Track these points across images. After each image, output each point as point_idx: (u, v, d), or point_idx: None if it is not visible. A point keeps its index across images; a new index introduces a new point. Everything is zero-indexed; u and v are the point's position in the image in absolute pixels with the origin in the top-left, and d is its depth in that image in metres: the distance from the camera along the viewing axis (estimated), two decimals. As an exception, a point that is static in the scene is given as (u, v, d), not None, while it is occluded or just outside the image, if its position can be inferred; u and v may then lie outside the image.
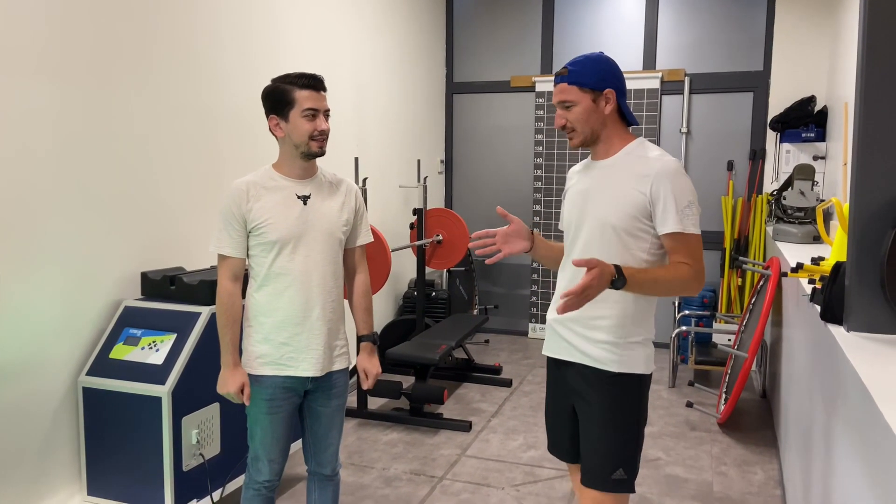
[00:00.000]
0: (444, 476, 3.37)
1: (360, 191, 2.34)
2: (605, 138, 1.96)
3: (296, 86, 2.09)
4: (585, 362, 1.97)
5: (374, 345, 2.37)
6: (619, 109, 1.95)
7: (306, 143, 2.11)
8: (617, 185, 1.91)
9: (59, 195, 2.58)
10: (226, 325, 2.14)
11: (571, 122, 1.93)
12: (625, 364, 1.92)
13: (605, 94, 1.91)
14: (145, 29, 2.95)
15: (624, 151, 1.95)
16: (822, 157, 5.10)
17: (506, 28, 6.13)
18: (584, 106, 1.91)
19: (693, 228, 1.85)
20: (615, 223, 1.89)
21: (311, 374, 2.18)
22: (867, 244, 1.78)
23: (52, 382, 2.59)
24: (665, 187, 1.84)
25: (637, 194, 1.86)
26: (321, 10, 4.28)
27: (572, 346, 1.99)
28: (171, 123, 3.12)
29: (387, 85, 5.22)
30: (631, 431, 1.95)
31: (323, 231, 2.17)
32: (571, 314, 1.95)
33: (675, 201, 1.83)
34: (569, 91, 1.91)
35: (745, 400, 4.53)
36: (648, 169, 1.86)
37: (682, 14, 5.62)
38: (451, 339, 4.38)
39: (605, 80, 1.91)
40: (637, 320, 1.93)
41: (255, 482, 2.23)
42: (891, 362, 1.56)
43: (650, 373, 1.99)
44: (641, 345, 1.94)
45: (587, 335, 1.95)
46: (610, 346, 1.92)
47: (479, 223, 6.16)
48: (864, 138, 1.79)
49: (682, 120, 5.66)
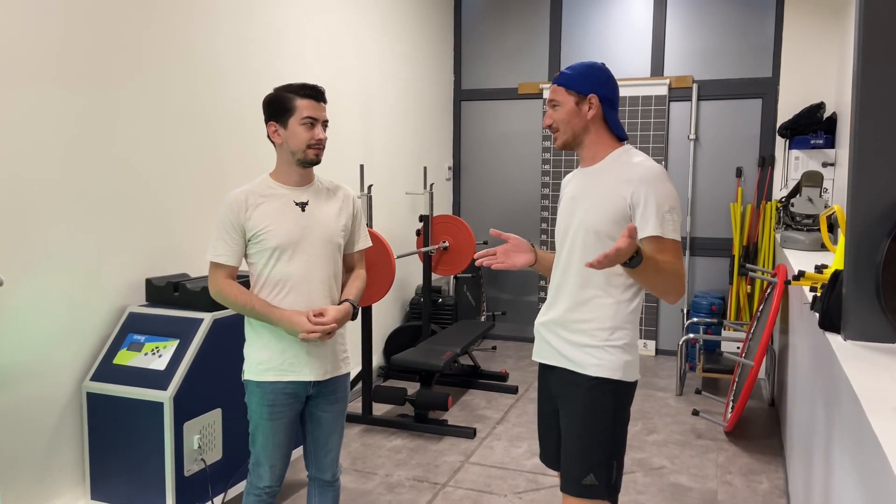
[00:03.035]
0: (447, 483, 3.37)
1: (357, 197, 2.37)
2: (589, 144, 2.00)
3: (297, 95, 2.14)
4: (566, 366, 1.99)
5: (351, 308, 2.26)
6: (604, 118, 1.98)
7: (303, 151, 2.15)
8: (601, 190, 1.93)
9: (63, 202, 2.62)
10: (243, 297, 2.15)
11: (556, 122, 1.99)
12: (602, 368, 1.92)
13: (588, 99, 1.95)
14: (150, 38, 2.99)
15: (610, 158, 1.98)
16: (831, 164, 5.07)
17: (513, 35, 6.14)
18: (567, 107, 1.96)
19: (673, 234, 1.86)
20: (599, 228, 1.91)
21: (313, 379, 2.20)
22: (864, 253, 1.77)
23: (56, 387, 2.62)
24: (646, 191, 1.85)
25: (619, 199, 1.88)
26: (329, 18, 4.32)
27: (555, 350, 2.02)
28: (176, 131, 3.15)
29: (394, 92, 5.25)
30: (603, 436, 1.94)
31: (321, 236, 2.20)
32: (557, 317, 2.00)
33: (656, 205, 1.84)
34: (557, 91, 1.98)
35: (753, 408, 4.50)
36: (631, 173, 1.89)
37: (690, 20, 5.61)
38: (456, 346, 4.38)
39: (591, 85, 1.96)
40: (619, 324, 1.94)
41: (257, 488, 2.25)
42: (883, 371, 1.54)
43: (632, 381, 1.97)
44: (622, 349, 1.93)
45: (569, 338, 1.98)
46: (589, 349, 1.94)
47: (487, 230, 6.16)
48: (861, 147, 1.78)
49: (691, 126, 5.64)
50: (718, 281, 5.69)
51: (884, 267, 1.71)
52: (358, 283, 2.34)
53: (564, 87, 1.96)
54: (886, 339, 1.76)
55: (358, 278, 2.36)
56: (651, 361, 5.64)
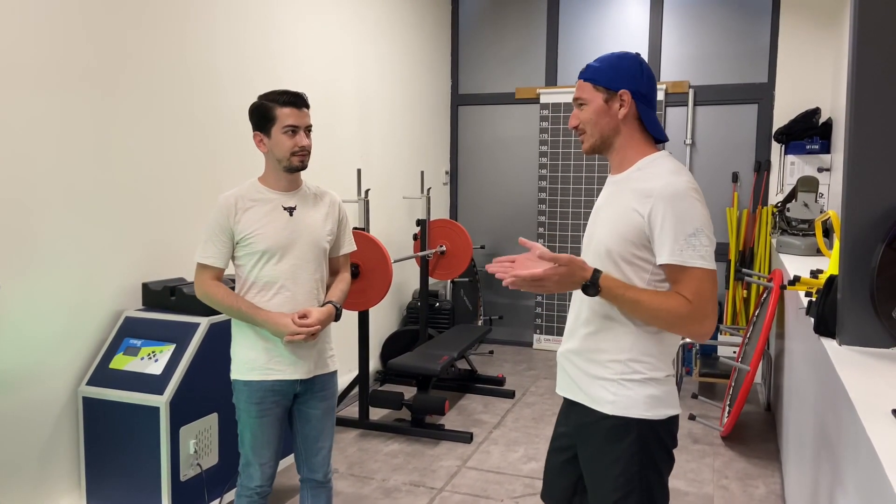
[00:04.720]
0: (444, 487, 3.37)
1: (342, 203, 2.42)
2: (618, 148, 1.71)
3: (277, 103, 2.16)
4: (584, 402, 1.74)
5: (334, 309, 2.28)
6: (639, 118, 1.70)
7: (288, 159, 2.19)
8: (619, 205, 1.67)
9: (60, 206, 2.62)
10: (229, 298, 2.18)
11: (583, 123, 1.72)
12: (620, 405, 1.65)
13: (619, 96, 1.67)
14: (146, 43, 3.00)
15: (636, 166, 1.69)
16: (826, 169, 5.08)
17: (511, 40, 6.16)
18: (594, 106, 1.69)
19: (699, 261, 1.56)
20: (611, 247, 1.65)
21: (298, 378, 2.23)
22: (858, 258, 1.78)
23: (52, 392, 2.62)
24: (664, 210, 1.56)
25: (636, 216, 1.61)
26: (326, 23, 4.33)
27: (574, 383, 1.77)
28: (172, 135, 3.16)
29: (391, 96, 5.25)
30: (627, 486, 1.65)
31: (308, 241, 2.24)
32: (574, 346, 1.77)
33: (673, 227, 1.56)
34: (583, 88, 1.71)
35: (749, 413, 4.51)
36: (652, 186, 1.60)
37: (687, 26, 5.63)
38: (453, 350, 4.38)
39: (622, 79, 1.67)
40: (639, 355, 1.65)
41: (248, 489, 2.26)
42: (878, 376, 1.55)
43: (662, 419, 1.66)
44: (643, 384, 1.65)
45: (587, 370, 1.73)
46: (605, 383, 1.68)
47: (485, 234, 6.17)
48: (855, 153, 1.79)
49: (687, 131, 5.66)
50: (715, 286, 5.69)
51: (878, 272, 1.72)
52: (342, 286, 2.38)
53: (592, 83, 1.69)
54: (881, 344, 1.77)
55: (342, 281, 2.40)
56: (648, 366, 5.64)
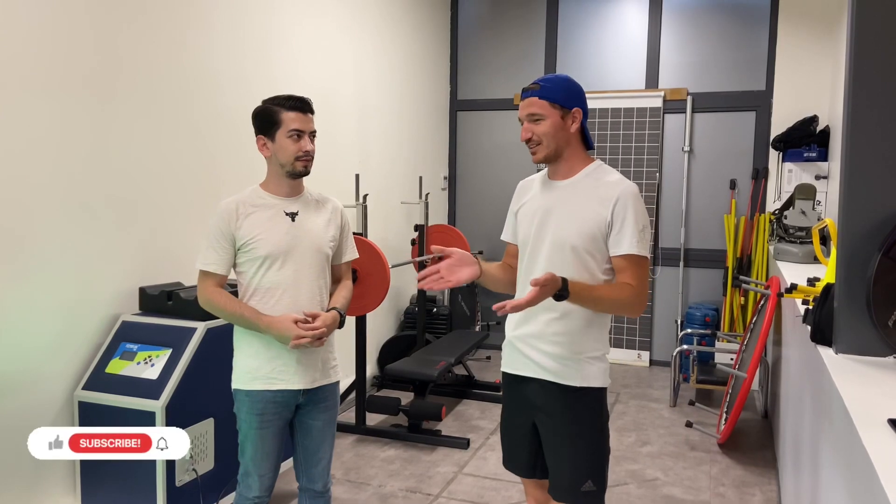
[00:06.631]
0: (441, 494, 3.36)
1: (344, 209, 2.40)
2: (567, 157, 2.01)
3: (283, 107, 2.16)
4: (547, 377, 2.02)
5: (338, 315, 2.27)
6: (581, 131, 2.01)
7: (291, 163, 2.18)
8: (578, 206, 1.97)
9: (57, 210, 2.62)
10: (232, 305, 2.16)
11: (538, 136, 1.97)
12: (586, 378, 1.99)
13: (572, 113, 1.96)
14: (145, 46, 3.00)
15: (583, 173, 2.01)
16: (824, 177, 5.09)
17: (509, 46, 6.17)
18: (552, 121, 1.95)
19: (644, 251, 1.93)
20: (575, 243, 1.95)
21: (302, 387, 2.20)
22: (855, 267, 1.78)
23: (48, 396, 2.61)
24: (626, 210, 1.91)
25: (598, 216, 1.93)
26: (325, 28, 4.34)
27: (532, 362, 2.04)
28: (170, 139, 3.16)
29: (390, 101, 5.26)
30: (596, 443, 2.03)
31: (310, 246, 2.22)
32: (530, 330, 2.03)
33: (633, 223, 1.91)
34: (539, 105, 1.95)
35: (746, 420, 4.50)
36: (611, 192, 1.94)
37: (685, 33, 5.65)
38: (450, 356, 4.38)
39: (574, 99, 1.97)
40: (594, 337, 2.00)
41: (246, 499, 2.24)
42: (874, 385, 1.55)
43: (607, 386, 2.07)
44: (599, 360, 2.01)
45: (547, 350, 2.00)
46: (569, 362, 1.99)
47: (482, 239, 6.17)
48: (852, 162, 1.79)
49: (685, 139, 5.67)
50: (712, 292, 5.71)
51: (874, 281, 1.72)
52: (344, 293, 2.36)
53: (548, 101, 1.95)
54: (877, 353, 1.77)
55: (345, 288, 2.38)
56: (645, 372, 5.65)
